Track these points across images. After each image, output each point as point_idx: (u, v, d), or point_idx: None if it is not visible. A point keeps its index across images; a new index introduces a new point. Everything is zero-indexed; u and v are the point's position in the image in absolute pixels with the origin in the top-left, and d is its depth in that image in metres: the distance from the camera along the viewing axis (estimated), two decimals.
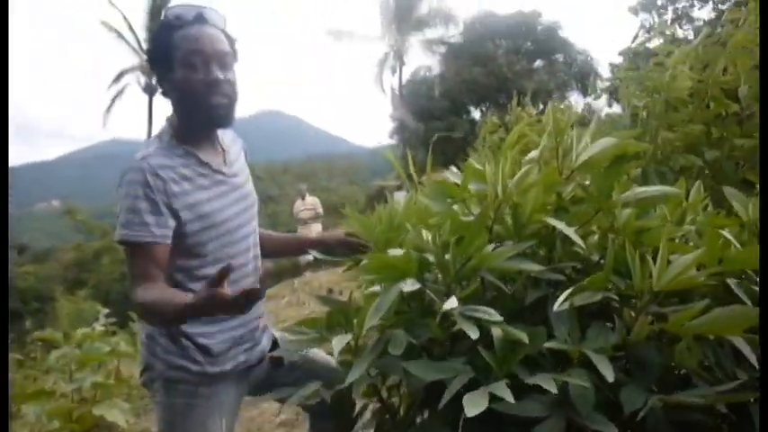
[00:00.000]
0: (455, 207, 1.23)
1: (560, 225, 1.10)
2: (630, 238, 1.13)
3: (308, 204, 12.29)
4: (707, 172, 2.25)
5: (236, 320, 1.62)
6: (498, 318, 1.01)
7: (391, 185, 19.84)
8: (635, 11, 21.16)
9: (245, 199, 1.67)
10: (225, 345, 1.60)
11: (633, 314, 1.02)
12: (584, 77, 21.69)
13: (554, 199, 1.26)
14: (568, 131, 1.31)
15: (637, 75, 2.65)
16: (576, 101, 21.24)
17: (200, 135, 1.59)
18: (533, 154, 1.42)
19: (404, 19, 23.46)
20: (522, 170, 1.19)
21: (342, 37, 23.73)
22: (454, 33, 23.90)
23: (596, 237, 1.27)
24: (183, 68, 1.50)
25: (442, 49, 23.83)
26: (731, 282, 1.07)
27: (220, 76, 1.51)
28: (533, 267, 1.08)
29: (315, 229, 11.92)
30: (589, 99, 20.94)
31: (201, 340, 1.56)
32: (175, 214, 1.47)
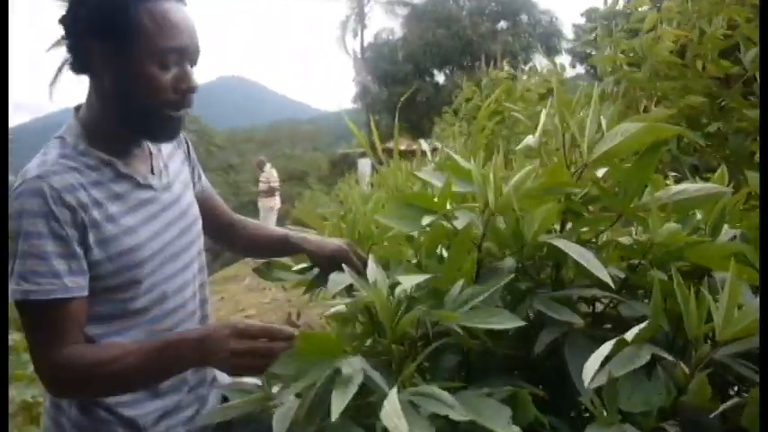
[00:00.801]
0: (428, 220, 0.91)
1: (579, 254, 0.80)
2: (672, 256, 0.85)
3: (264, 177, 11.90)
4: (708, 149, 1.99)
5: (174, 379, 1.20)
6: (462, 412, 0.70)
7: (355, 152, 19.46)
8: None
9: (183, 217, 1.27)
10: (156, 414, 1.20)
11: (686, 369, 0.74)
12: (548, 39, 21.40)
13: (559, 202, 0.97)
14: (577, 111, 1.01)
15: (612, 38, 2.36)
16: (541, 63, 21.00)
17: (126, 139, 1.20)
18: (530, 140, 1.12)
19: None
20: (522, 170, 0.89)
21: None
22: None
23: (612, 249, 0.99)
24: (146, 62, 1.09)
25: (405, 10, 23.21)
26: None
27: (195, 82, 1.15)
28: (516, 323, 0.78)
29: (269, 204, 11.60)
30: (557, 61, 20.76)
31: (125, 411, 1.16)
32: (89, 253, 1.10)
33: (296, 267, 1.40)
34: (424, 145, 3.40)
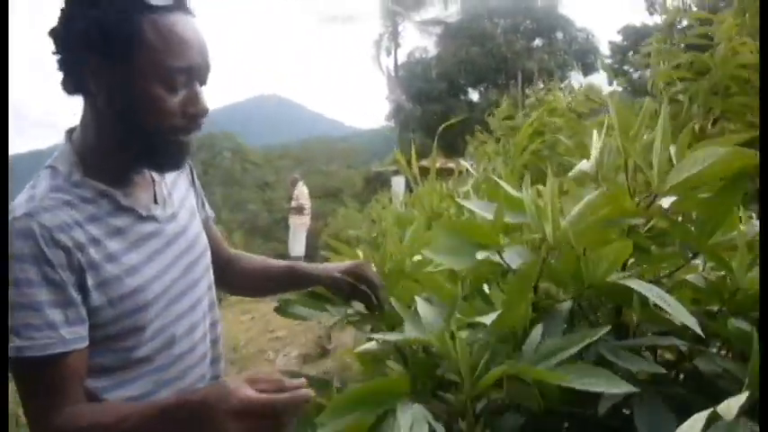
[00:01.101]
0: (482, 255, 0.80)
1: (659, 298, 0.69)
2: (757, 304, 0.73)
3: (295, 194, 11.89)
4: None
5: None
6: None
7: (389, 170, 19.41)
8: None
9: (190, 250, 1.16)
10: None
11: None
12: (584, 56, 21.13)
13: (624, 236, 0.85)
14: (640, 132, 0.90)
15: (671, 52, 2.22)
16: (578, 80, 20.74)
17: (129, 167, 1.08)
18: (584, 166, 1.01)
19: None
20: (583, 200, 0.78)
21: (337, 20, 23.09)
22: (451, 13, 23.28)
23: (683, 291, 0.87)
24: (153, 82, 0.97)
25: (438, 29, 23.20)
26: None
27: (206, 105, 1.03)
28: (620, 389, 0.66)
29: (299, 221, 11.58)
30: (590, 78, 20.45)
31: None
32: (88, 299, 0.98)
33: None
34: (463, 163, 3.30)
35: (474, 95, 22.89)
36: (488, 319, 0.75)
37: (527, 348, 0.72)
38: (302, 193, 11.97)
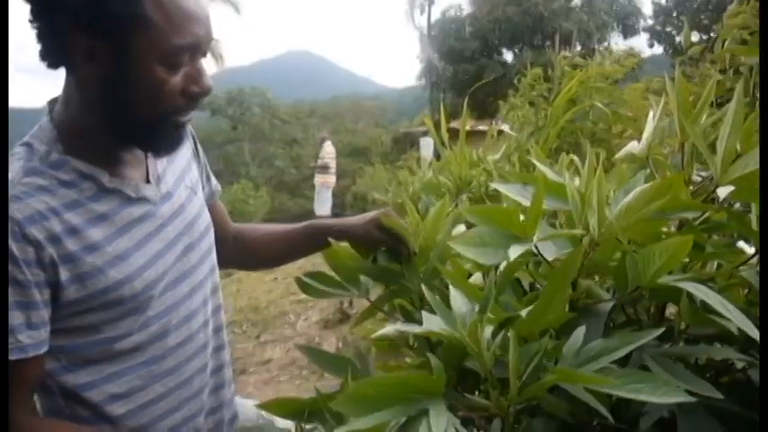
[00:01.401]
0: (517, 251, 0.71)
1: (720, 304, 0.61)
2: None
3: (328, 153, 11.82)
4: None
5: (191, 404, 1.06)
6: None
7: (418, 131, 19.16)
8: None
9: (189, 230, 1.06)
10: None
11: None
12: (626, 17, 20.37)
13: (678, 231, 0.77)
14: (702, 112, 0.81)
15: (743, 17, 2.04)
16: (617, 43, 20.08)
17: (116, 144, 0.98)
18: (633, 147, 0.91)
19: None
20: (637, 189, 0.69)
21: None
22: None
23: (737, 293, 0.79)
24: (155, 63, 0.87)
25: None
26: None
27: (209, 82, 0.94)
28: (676, 398, 0.58)
29: (323, 180, 11.54)
30: (630, 41, 19.78)
31: None
32: (61, 293, 0.90)
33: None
34: (494, 126, 3.18)
35: (508, 56, 22.34)
36: (524, 312, 0.68)
37: (567, 351, 0.65)
38: (328, 151, 11.91)
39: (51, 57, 0.90)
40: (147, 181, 1.02)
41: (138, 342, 0.98)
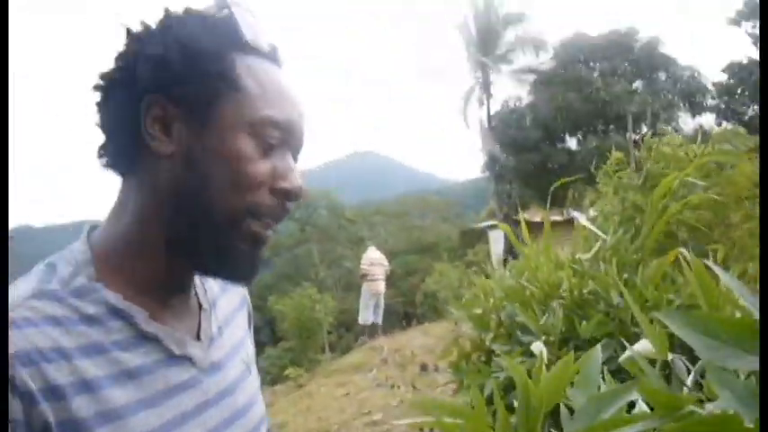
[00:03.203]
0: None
1: None
2: None
3: (369, 260, 11.42)
4: None
5: None
6: None
7: (484, 224, 18.85)
8: (736, 21, 19.18)
9: (239, 419, 0.79)
10: None
11: None
12: (691, 96, 19.87)
13: None
14: None
15: None
16: (685, 122, 19.50)
17: (167, 276, 0.75)
18: None
19: (489, 50, 22.62)
20: None
21: (427, 75, 23.10)
22: (544, 60, 22.78)
23: None
24: (244, 135, 0.71)
25: (532, 77, 22.75)
26: None
27: (301, 184, 0.75)
28: None
29: (367, 288, 11.06)
30: (699, 119, 19.16)
31: None
32: None
33: None
34: (581, 219, 2.82)
35: (572, 143, 22.08)
36: None
37: None
38: (368, 257, 11.55)
39: (116, 151, 0.74)
40: (198, 338, 0.78)
41: None
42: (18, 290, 0.67)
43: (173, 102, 0.71)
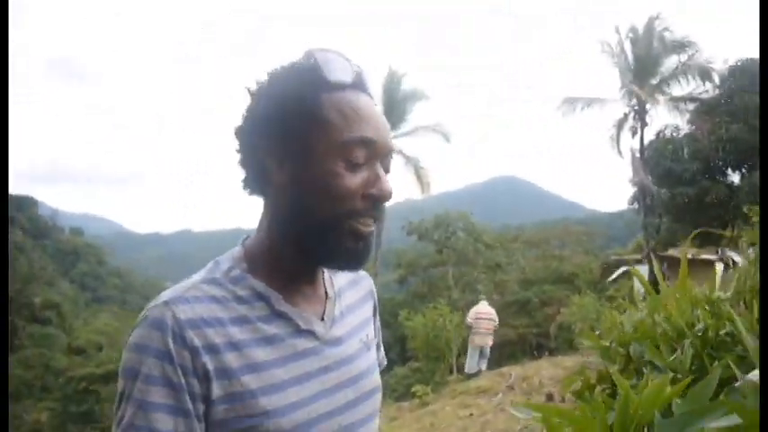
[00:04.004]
0: None
1: None
2: None
3: (476, 314, 11.38)
4: None
5: None
6: None
7: (630, 259, 17.86)
8: None
9: (353, 384, 0.98)
10: None
11: None
12: None
13: None
14: None
15: None
16: None
17: (297, 268, 0.98)
18: None
19: (646, 77, 21.55)
20: None
21: (577, 104, 22.49)
22: (707, 88, 21.28)
23: None
24: (333, 160, 0.90)
25: (692, 105, 21.34)
26: None
27: (389, 187, 0.93)
28: None
29: (473, 340, 11.03)
30: None
31: None
32: (212, 409, 0.85)
33: None
34: (729, 254, 2.68)
35: (734, 177, 20.41)
36: None
37: None
38: (475, 311, 11.66)
39: (250, 179, 0.97)
40: (322, 320, 0.99)
41: None
42: (194, 277, 0.93)
43: (279, 141, 0.92)
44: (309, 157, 0.90)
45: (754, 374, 0.85)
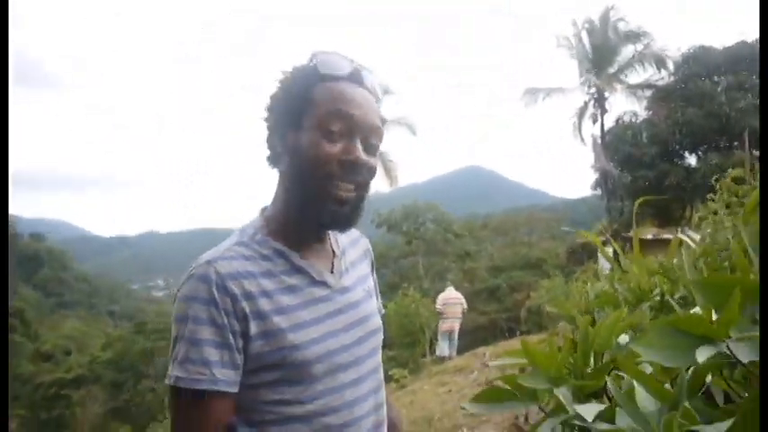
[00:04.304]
0: (706, 353, 0.65)
1: None
2: None
3: (444, 299, 11.81)
4: None
5: None
6: None
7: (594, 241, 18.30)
8: None
9: (361, 324, 1.19)
10: None
11: None
12: None
13: None
14: None
15: None
16: None
17: (305, 230, 1.17)
18: None
19: (604, 66, 22.08)
20: None
21: (539, 94, 22.91)
22: (663, 75, 21.88)
23: None
24: (315, 131, 1.09)
25: (649, 92, 21.95)
26: None
27: (362, 156, 1.11)
28: None
29: (440, 326, 11.48)
30: None
31: None
32: (249, 345, 1.05)
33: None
34: (681, 235, 2.95)
35: (691, 160, 21.09)
36: (719, 428, 0.60)
37: None
38: (443, 297, 12.13)
39: (271, 157, 1.18)
40: (331, 272, 1.20)
41: (304, 413, 1.08)
42: (225, 243, 1.13)
43: (283, 121, 1.14)
44: (300, 130, 1.11)
45: (696, 309, 1.05)
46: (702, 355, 0.62)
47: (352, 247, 1.30)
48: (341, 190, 1.10)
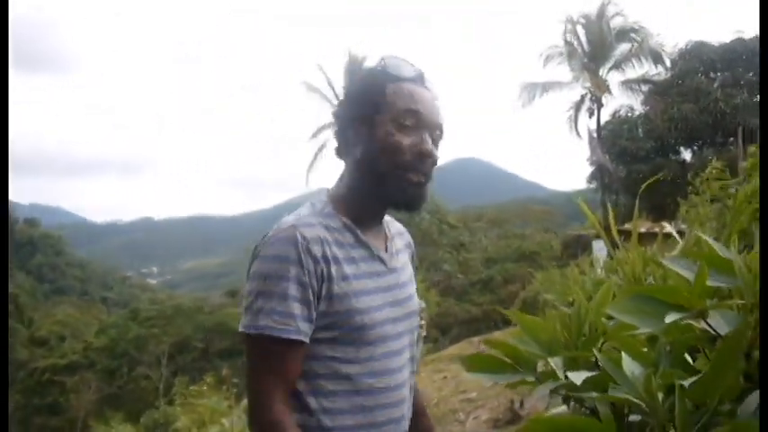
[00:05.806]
0: (673, 317, 0.75)
1: None
2: None
3: None
4: None
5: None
6: None
7: (589, 233, 18.49)
8: None
9: (405, 302, 1.34)
10: None
11: None
12: None
13: None
14: None
15: None
16: None
17: (368, 211, 1.31)
18: None
19: (600, 60, 22.15)
20: None
21: (536, 89, 22.97)
22: (660, 71, 21.99)
23: None
24: (389, 125, 1.24)
25: (646, 87, 22.04)
26: None
27: (431, 148, 1.27)
28: None
29: None
30: None
31: None
32: (319, 304, 1.19)
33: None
34: (669, 227, 3.05)
35: (686, 155, 21.23)
36: (688, 381, 0.70)
37: (742, 414, 0.66)
38: None
39: (341, 149, 1.32)
40: (386, 251, 1.34)
41: (353, 372, 1.21)
42: (303, 211, 1.26)
43: (357, 116, 1.28)
44: (374, 124, 1.24)
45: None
46: (671, 318, 0.72)
47: (398, 237, 1.43)
48: (412, 176, 1.24)
